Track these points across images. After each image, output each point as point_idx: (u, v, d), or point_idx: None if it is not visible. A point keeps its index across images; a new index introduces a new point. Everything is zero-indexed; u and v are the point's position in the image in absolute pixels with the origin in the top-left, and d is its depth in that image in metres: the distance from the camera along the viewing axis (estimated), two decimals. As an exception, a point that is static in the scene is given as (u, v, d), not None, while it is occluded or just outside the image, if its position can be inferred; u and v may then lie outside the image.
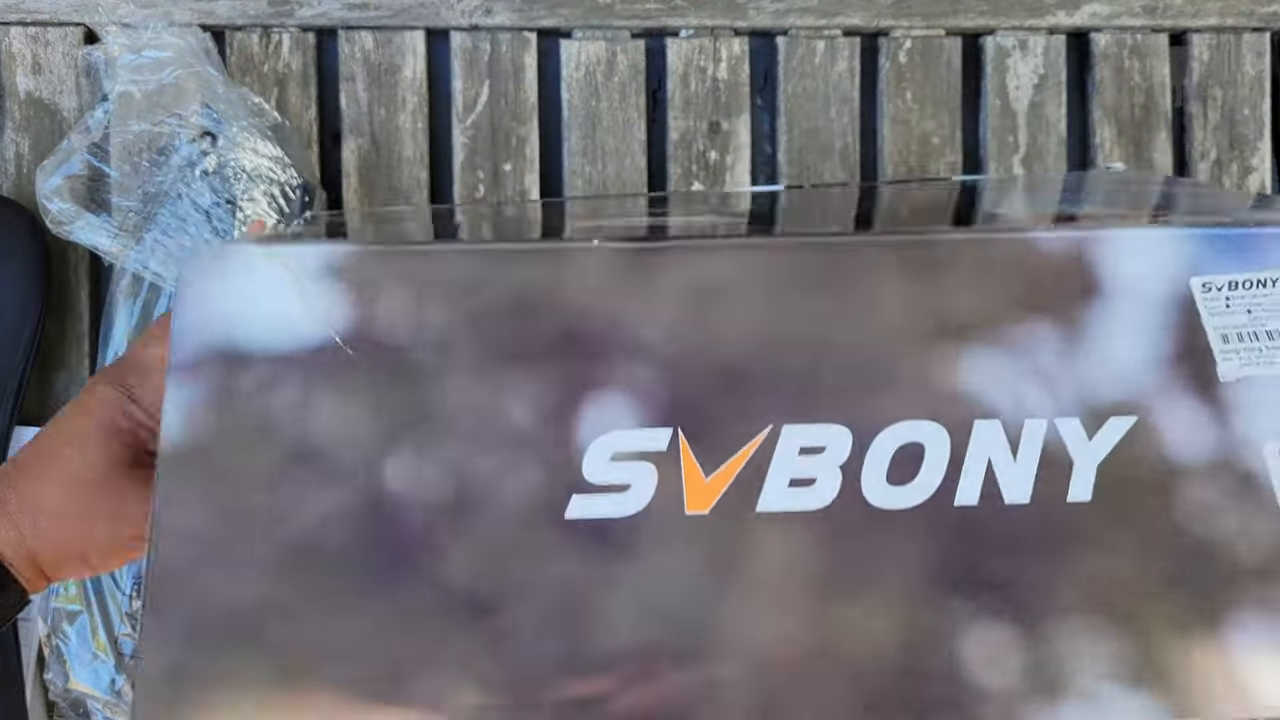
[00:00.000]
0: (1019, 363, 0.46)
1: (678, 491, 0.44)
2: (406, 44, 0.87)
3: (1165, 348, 0.47)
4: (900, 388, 0.46)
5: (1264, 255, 0.48)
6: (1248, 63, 0.90)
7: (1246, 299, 0.48)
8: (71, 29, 0.86)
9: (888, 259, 0.46)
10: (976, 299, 0.47)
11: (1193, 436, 0.46)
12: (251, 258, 0.45)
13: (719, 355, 0.45)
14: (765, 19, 0.89)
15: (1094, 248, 0.47)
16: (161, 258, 0.78)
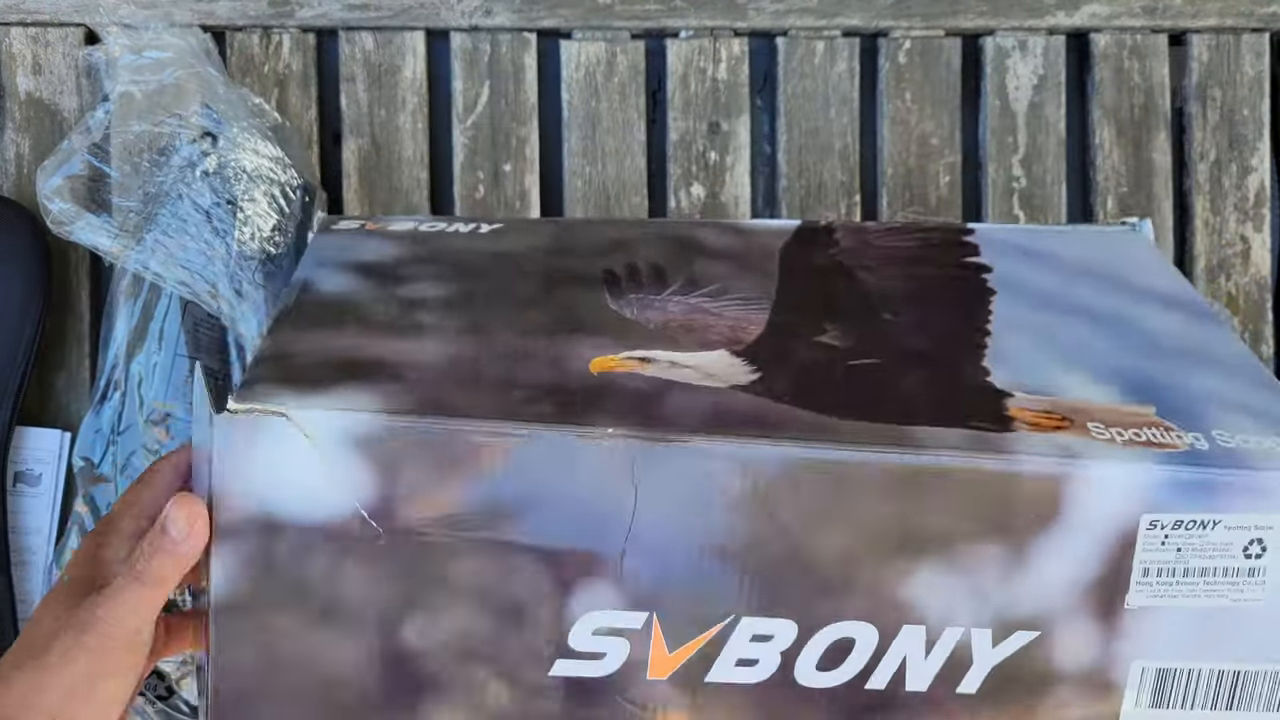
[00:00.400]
0: (960, 580, 0.53)
1: (644, 661, 0.53)
2: (406, 45, 0.88)
3: (1091, 575, 0.54)
4: (850, 593, 0.53)
5: (1218, 500, 0.53)
6: (1247, 63, 0.91)
7: (1182, 538, 0.54)
8: (72, 29, 0.86)
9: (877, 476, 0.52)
10: (946, 519, 0.53)
11: (1079, 651, 0.55)
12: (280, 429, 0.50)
13: (702, 551, 0.52)
14: (765, 20, 0.89)
15: (1069, 482, 0.53)
16: (162, 258, 0.78)
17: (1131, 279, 0.69)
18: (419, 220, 0.71)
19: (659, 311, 0.63)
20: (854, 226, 0.73)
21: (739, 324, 0.62)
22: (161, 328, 0.79)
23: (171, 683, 0.78)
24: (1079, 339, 0.63)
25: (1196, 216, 0.90)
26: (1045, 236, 0.74)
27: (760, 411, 0.54)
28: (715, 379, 0.56)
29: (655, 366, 0.57)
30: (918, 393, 0.58)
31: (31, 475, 0.83)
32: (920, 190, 0.90)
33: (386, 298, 0.61)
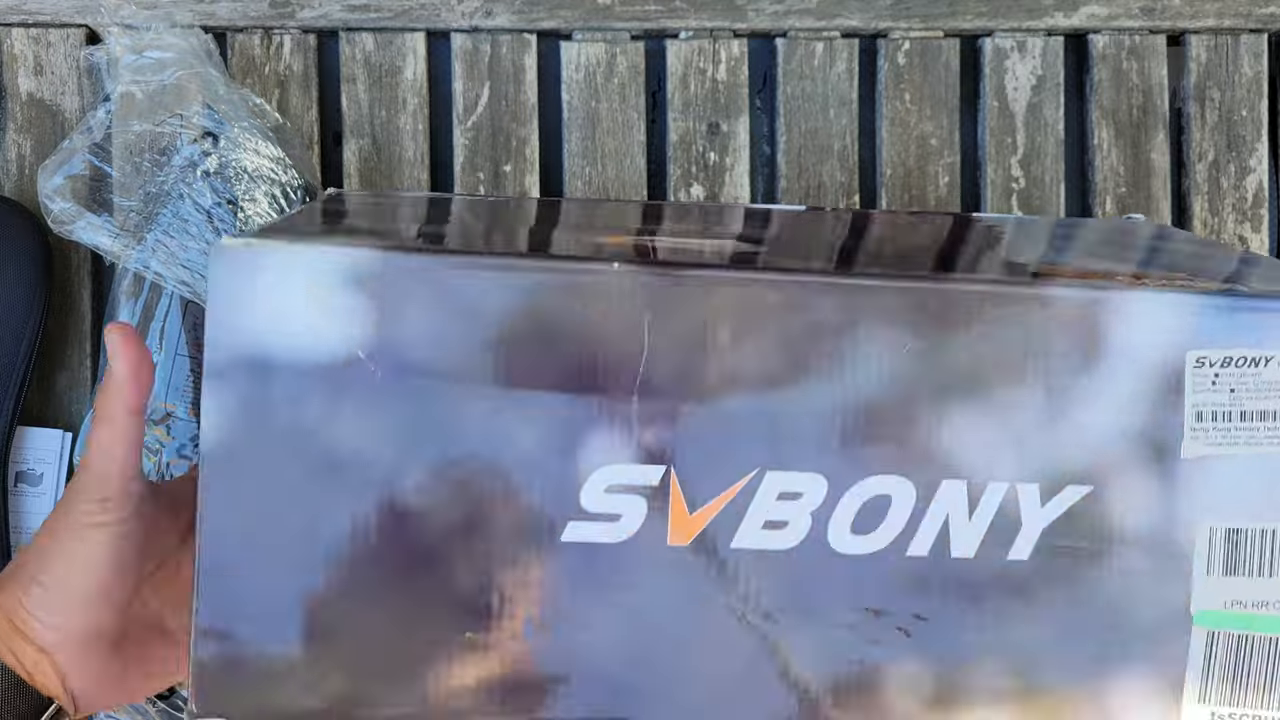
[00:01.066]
0: (999, 428, 0.49)
1: (663, 524, 0.49)
2: (407, 45, 0.88)
3: (1140, 420, 0.49)
4: (881, 443, 0.49)
5: (1268, 333, 0.50)
6: (1245, 64, 0.91)
7: (1234, 378, 0.50)
8: (73, 30, 0.86)
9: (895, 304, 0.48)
10: (974, 357, 0.49)
11: (1137, 509, 0.50)
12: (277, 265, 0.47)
13: (720, 398, 0.48)
14: (764, 21, 0.89)
15: (1104, 309, 0.49)
16: (163, 258, 0.78)
17: None
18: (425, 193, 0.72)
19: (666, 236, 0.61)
20: (857, 213, 0.74)
21: None
22: (162, 327, 0.79)
23: (172, 681, 0.78)
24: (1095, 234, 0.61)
25: (1195, 217, 0.90)
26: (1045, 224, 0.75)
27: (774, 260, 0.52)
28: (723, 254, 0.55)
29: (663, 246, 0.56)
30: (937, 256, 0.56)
31: (33, 475, 0.83)
32: (919, 191, 0.90)
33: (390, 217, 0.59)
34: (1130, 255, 0.59)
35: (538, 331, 0.48)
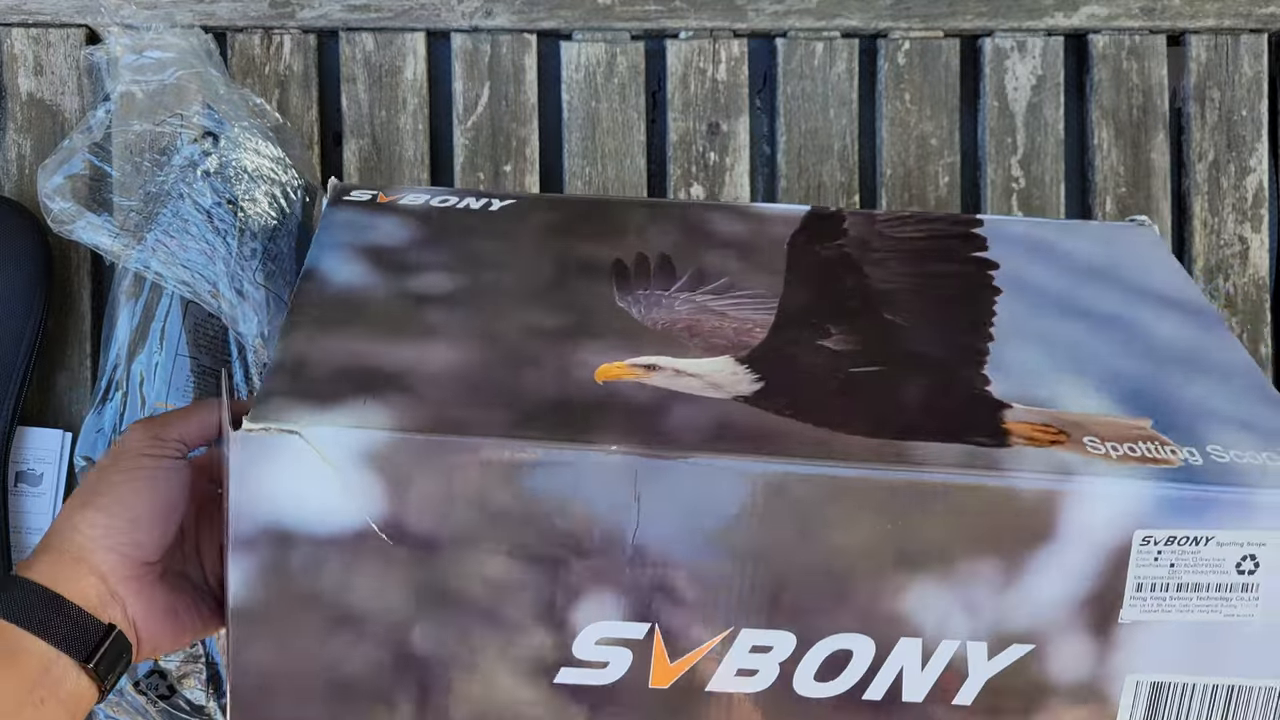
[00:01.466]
0: (956, 594, 0.54)
1: (646, 670, 0.55)
2: (407, 45, 0.88)
3: (1085, 589, 0.54)
4: (848, 606, 0.54)
5: (1209, 516, 0.54)
6: (1245, 64, 0.91)
7: (1175, 554, 0.55)
8: (73, 30, 0.86)
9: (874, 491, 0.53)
10: (942, 535, 0.54)
11: (1073, 664, 0.55)
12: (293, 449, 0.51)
13: (702, 564, 0.53)
14: (764, 21, 0.89)
15: (1064, 498, 0.54)
16: (163, 258, 0.78)
17: (1136, 278, 0.69)
18: (431, 193, 0.70)
19: (665, 310, 0.63)
20: (863, 215, 0.73)
21: (743, 326, 0.62)
22: (163, 328, 0.79)
23: (173, 681, 0.78)
24: (1080, 343, 0.63)
25: (1195, 217, 0.90)
26: (1053, 230, 0.74)
27: (761, 425, 0.55)
28: (719, 389, 0.57)
29: (660, 375, 0.57)
30: (916, 404, 0.58)
31: (33, 475, 0.83)
32: (919, 191, 0.90)
33: (397, 292, 0.62)
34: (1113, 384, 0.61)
35: (538, 504, 0.52)
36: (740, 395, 0.57)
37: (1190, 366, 0.63)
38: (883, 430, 0.55)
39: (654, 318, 0.62)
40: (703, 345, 0.60)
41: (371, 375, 0.55)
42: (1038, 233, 0.73)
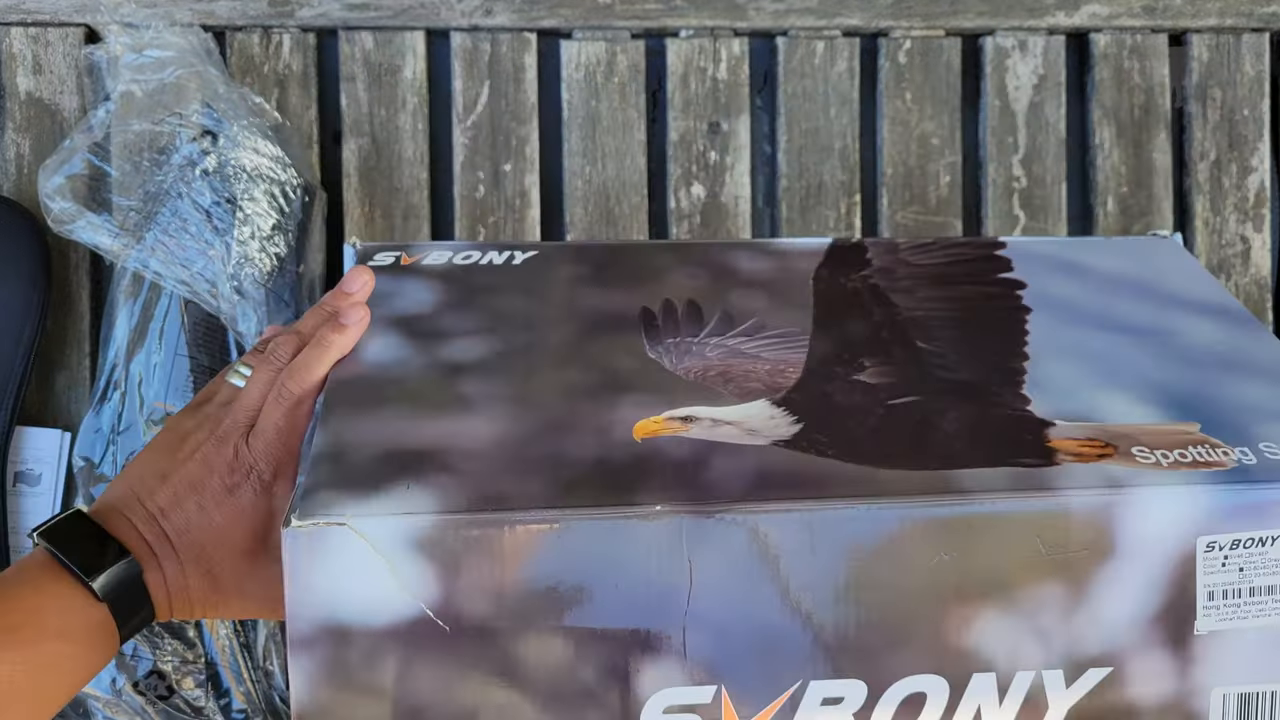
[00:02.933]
0: (1023, 622, 0.53)
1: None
2: (407, 44, 0.88)
3: (1155, 603, 0.53)
4: (915, 645, 0.53)
5: (1273, 513, 0.53)
6: (1247, 63, 0.91)
7: (1242, 557, 0.54)
8: (72, 29, 0.86)
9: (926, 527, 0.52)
10: (1001, 563, 0.52)
11: (1155, 683, 0.54)
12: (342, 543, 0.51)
13: (760, 617, 0.52)
14: (765, 19, 0.89)
15: (1119, 510, 0.53)
16: (163, 257, 0.78)
17: (1166, 287, 0.70)
18: (453, 249, 0.70)
19: (697, 358, 0.62)
20: (885, 244, 0.73)
21: (776, 367, 0.62)
22: (162, 327, 0.79)
23: (172, 682, 0.78)
24: (1118, 355, 0.63)
25: (1197, 216, 0.90)
26: (1077, 248, 0.74)
27: (803, 469, 0.54)
28: (757, 434, 0.56)
29: (698, 426, 0.57)
30: (958, 432, 0.57)
31: (31, 475, 0.83)
32: (920, 190, 0.90)
33: (429, 363, 0.61)
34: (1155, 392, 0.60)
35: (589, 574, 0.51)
36: (780, 439, 0.56)
37: (1232, 368, 0.62)
38: (927, 462, 0.55)
39: (686, 366, 0.61)
40: (737, 391, 0.60)
41: (411, 456, 0.54)
42: (1062, 252, 0.73)
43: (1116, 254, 0.73)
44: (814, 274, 0.69)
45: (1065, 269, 0.71)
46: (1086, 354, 0.63)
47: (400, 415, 0.58)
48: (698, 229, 0.88)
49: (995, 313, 0.67)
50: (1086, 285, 0.69)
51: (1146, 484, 0.53)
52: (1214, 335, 0.65)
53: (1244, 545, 0.54)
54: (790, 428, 0.57)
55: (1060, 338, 0.64)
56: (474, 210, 0.87)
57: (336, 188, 0.88)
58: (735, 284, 0.68)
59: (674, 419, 0.57)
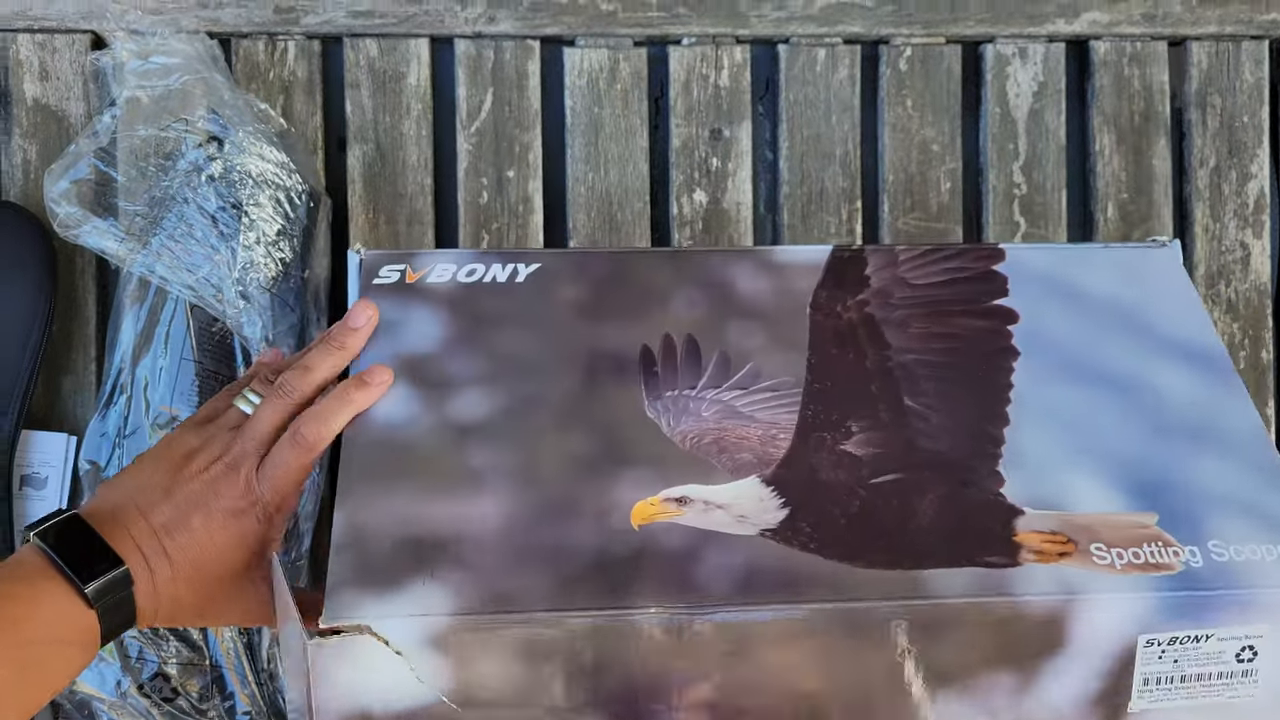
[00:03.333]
0: (978, 703, 0.60)
1: None
2: (411, 52, 0.88)
3: (1097, 688, 0.60)
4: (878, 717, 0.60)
5: (1208, 616, 0.60)
6: (1246, 70, 0.91)
7: (1178, 651, 0.60)
8: (79, 36, 0.87)
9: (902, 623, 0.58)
10: (962, 654, 0.59)
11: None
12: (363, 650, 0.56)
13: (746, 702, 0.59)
14: (767, 27, 0.90)
15: (1072, 612, 0.59)
16: (169, 262, 0.79)
17: (1154, 319, 0.72)
18: (456, 262, 0.72)
19: (693, 419, 0.66)
20: (885, 254, 0.74)
21: (768, 432, 0.66)
22: (167, 332, 0.80)
23: (177, 684, 0.79)
24: (1095, 421, 0.67)
25: (1196, 223, 0.91)
26: (1075, 261, 0.75)
27: (786, 566, 0.60)
28: (746, 520, 0.62)
29: (691, 509, 0.62)
30: (931, 524, 0.62)
31: (37, 478, 0.84)
32: (921, 197, 0.90)
33: (438, 425, 0.65)
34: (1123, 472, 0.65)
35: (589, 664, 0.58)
36: (766, 528, 0.61)
37: (1201, 439, 0.67)
38: (899, 560, 0.60)
39: (683, 431, 0.66)
40: (730, 464, 0.64)
41: (426, 545, 0.60)
42: (1059, 267, 0.75)
43: (1113, 269, 0.74)
44: (811, 300, 0.71)
45: (1060, 293, 0.73)
46: (1065, 419, 0.67)
47: (413, 493, 0.62)
48: (699, 235, 0.89)
49: (984, 358, 0.70)
50: (1077, 318, 0.72)
51: (1098, 591, 0.59)
52: (1191, 393, 0.69)
53: (1180, 641, 0.60)
54: (778, 513, 0.62)
55: (1044, 392, 0.68)
56: (478, 216, 0.88)
57: (341, 194, 0.88)
58: (734, 313, 0.71)
59: (669, 500, 0.62)
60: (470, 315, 0.70)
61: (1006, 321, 0.72)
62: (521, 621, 0.58)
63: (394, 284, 0.71)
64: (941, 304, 0.72)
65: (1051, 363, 0.70)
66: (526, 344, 0.69)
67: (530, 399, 0.67)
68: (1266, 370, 0.90)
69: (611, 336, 0.70)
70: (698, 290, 0.72)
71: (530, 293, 0.72)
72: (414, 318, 0.70)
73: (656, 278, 0.73)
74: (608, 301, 0.72)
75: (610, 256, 0.76)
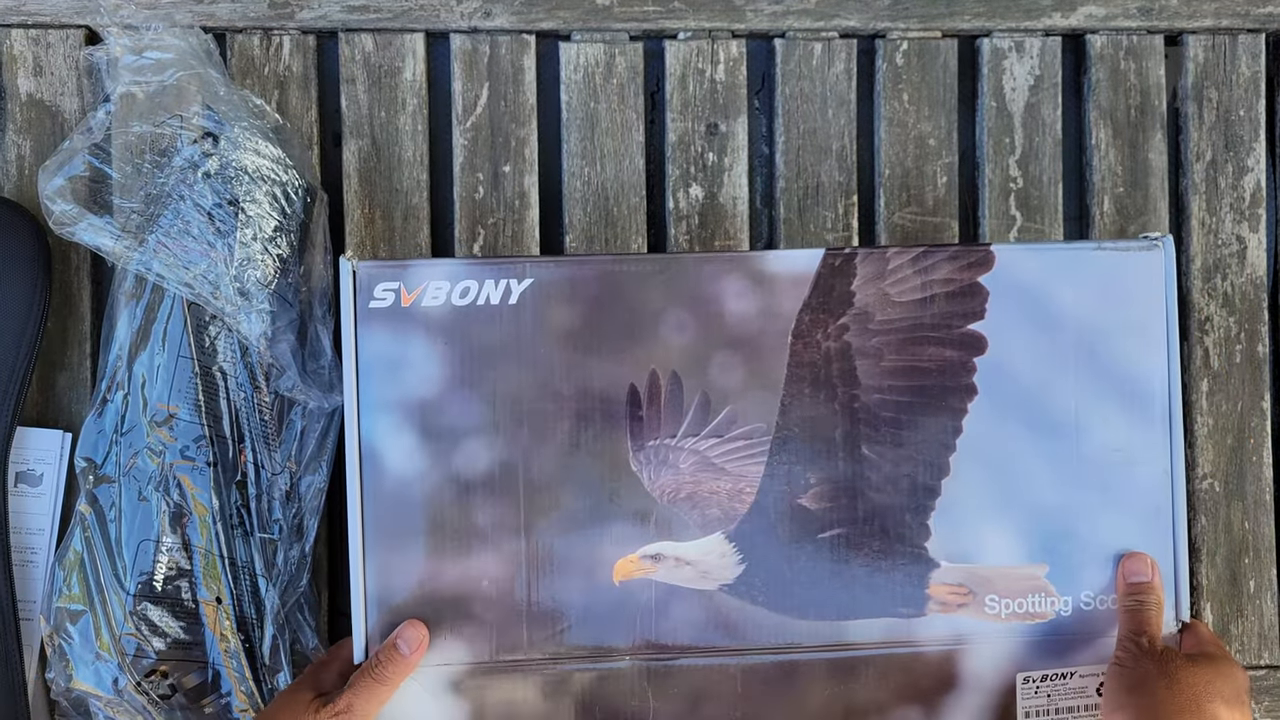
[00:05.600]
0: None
1: None
2: (406, 46, 0.88)
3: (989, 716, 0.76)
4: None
5: (1071, 656, 0.76)
6: (1243, 64, 0.91)
7: (1050, 687, 0.77)
8: (73, 31, 0.86)
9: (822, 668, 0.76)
10: (875, 693, 0.76)
11: None
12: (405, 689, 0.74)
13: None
14: (763, 21, 0.89)
15: (962, 656, 0.76)
16: (165, 260, 0.78)
17: (1114, 353, 0.77)
18: (450, 279, 0.74)
19: (671, 471, 0.75)
20: (875, 265, 0.76)
21: (736, 486, 0.76)
22: (165, 329, 0.80)
23: (174, 681, 0.79)
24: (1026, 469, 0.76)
25: (1193, 216, 0.91)
26: (1062, 268, 0.76)
27: (739, 618, 0.75)
28: (709, 576, 0.75)
29: (663, 566, 0.75)
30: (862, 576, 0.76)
31: (33, 475, 0.83)
32: (917, 191, 0.90)
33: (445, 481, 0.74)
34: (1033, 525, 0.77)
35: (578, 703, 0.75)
36: (725, 584, 0.75)
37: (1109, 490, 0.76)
38: (828, 612, 0.75)
39: (661, 485, 0.75)
40: (700, 520, 0.75)
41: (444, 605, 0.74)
42: (1045, 276, 0.77)
43: (1097, 278, 0.77)
44: (794, 327, 0.75)
45: (1037, 311, 0.77)
46: (999, 469, 0.76)
47: (428, 552, 0.74)
48: (696, 230, 0.89)
49: (944, 396, 0.76)
50: (1041, 350, 0.76)
51: (983, 639, 0.76)
52: (1118, 438, 0.76)
53: (1050, 679, 0.76)
54: (736, 568, 0.75)
55: (986, 441, 0.76)
56: (473, 212, 0.88)
57: (337, 189, 0.88)
58: (719, 343, 0.75)
59: (645, 557, 0.75)
60: (466, 349, 0.75)
61: (974, 352, 0.76)
62: (523, 669, 0.74)
63: (389, 308, 0.74)
64: (918, 329, 0.76)
65: (1004, 402, 0.76)
66: (522, 385, 0.75)
67: (526, 451, 0.75)
68: (1262, 364, 0.90)
69: (602, 372, 0.75)
70: (685, 311, 0.75)
71: (523, 319, 0.75)
72: (413, 354, 0.74)
73: (646, 297, 0.75)
74: (598, 327, 0.75)
75: (602, 271, 0.76)
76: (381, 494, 0.74)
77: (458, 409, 0.75)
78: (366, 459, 0.74)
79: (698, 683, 0.75)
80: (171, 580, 0.79)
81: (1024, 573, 0.76)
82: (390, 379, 0.74)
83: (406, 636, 0.73)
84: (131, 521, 0.79)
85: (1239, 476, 0.89)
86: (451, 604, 0.74)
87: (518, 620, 0.74)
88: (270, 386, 0.80)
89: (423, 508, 0.74)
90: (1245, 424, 0.89)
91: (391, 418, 0.74)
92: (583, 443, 0.75)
